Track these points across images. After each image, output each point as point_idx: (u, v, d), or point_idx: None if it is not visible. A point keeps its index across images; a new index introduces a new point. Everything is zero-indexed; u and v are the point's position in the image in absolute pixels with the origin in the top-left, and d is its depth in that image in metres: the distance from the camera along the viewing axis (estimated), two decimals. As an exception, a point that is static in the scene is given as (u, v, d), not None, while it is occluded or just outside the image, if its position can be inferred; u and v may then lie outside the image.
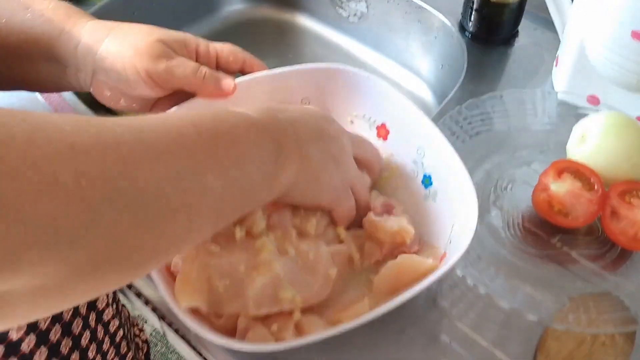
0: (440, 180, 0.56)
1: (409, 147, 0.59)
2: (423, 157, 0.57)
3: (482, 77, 0.78)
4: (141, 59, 0.53)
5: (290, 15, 1.00)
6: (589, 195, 0.59)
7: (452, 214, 0.53)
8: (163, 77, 0.54)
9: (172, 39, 0.56)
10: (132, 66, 0.54)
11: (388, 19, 0.91)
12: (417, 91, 0.91)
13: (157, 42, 0.55)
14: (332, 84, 0.61)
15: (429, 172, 0.57)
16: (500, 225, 0.62)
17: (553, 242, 0.60)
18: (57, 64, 0.57)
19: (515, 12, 0.79)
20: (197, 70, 0.55)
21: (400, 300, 0.46)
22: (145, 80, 0.54)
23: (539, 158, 0.67)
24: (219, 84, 0.56)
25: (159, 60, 0.54)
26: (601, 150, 0.60)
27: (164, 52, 0.55)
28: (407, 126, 0.58)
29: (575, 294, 0.56)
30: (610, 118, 0.61)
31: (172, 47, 0.56)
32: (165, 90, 0.56)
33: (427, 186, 0.57)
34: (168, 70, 0.54)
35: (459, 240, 0.50)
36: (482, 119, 0.68)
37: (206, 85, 0.56)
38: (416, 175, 0.58)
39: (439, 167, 0.56)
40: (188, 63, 0.55)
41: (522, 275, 0.57)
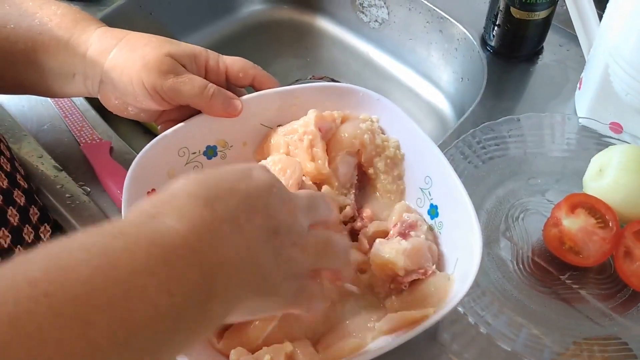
0: (446, 212, 0.54)
1: (418, 175, 0.57)
2: (431, 187, 0.55)
3: (502, 94, 0.75)
4: (149, 73, 0.53)
5: (310, 18, 0.98)
6: (603, 234, 0.57)
7: (455, 248, 0.52)
8: (170, 93, 0.53)
9: (182, 53, 0.55)
10: (139, 80, 0.53)
11: (409, 27, 0.88)
12: (435, 102, 0.88)
13: (166, 57, 0.54)
14: (342, 104, 0.59)
15: (435, 203, 0.55)
16: (509, 257, 0.60)
17: (562, 278, 0.58)
18: (65, 71, 0.56)
19: (540, 28, 0.76)
20: (205, 89, 0.54)
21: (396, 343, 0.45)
22: (152, 95, 0.54)
23: (554, 187, 0.64)
24: (225, 105, 0.55)
25: (166, 76, 0.53)
26: (619, 186, 0.58)
27: (173, 68, 0.54)
28: (416, 154, 0.57)
29: (581, 336, 0.54)
30: (629, 152, 0.59)
31: (181, 61, 0.55)
32: (171, 105, 0.55)
33: (433, 217, 0.55)
34: (175, 87, 0.53)
35: (460, 279, 0.49)
36: (496, 143, 0.66)
37: (213, 106, 0.55)
38: (422, 204, 0.56)
39: (446, 199, 0.54)
40: (196, 81, 0.54)
41: (527, 313, 0.56)
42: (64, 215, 0.64)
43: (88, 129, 0.70)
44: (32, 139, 0.69)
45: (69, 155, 0.68)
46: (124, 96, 0.55)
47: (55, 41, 0.55)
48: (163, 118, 0.58)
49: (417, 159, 0.57)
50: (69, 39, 0.55)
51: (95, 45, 0.55)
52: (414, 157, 0.57)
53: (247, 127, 0.59)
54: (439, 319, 0.46)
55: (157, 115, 0.58)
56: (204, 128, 0.57)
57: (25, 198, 0.59)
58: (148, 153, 0.55)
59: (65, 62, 0.56)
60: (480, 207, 0.63)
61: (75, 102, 0.73)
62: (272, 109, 0.59)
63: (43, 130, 0.71)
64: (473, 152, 0.65)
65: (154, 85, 0.53)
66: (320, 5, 0.97)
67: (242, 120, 0.57)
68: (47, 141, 0.69)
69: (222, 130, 0.58)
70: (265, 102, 0.58)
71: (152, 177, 0.54)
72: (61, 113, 0.71)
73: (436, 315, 0.46)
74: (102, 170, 0.65)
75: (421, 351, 0.55)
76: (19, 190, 0.58)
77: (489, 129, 0.66)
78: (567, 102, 0.74)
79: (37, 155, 0.68)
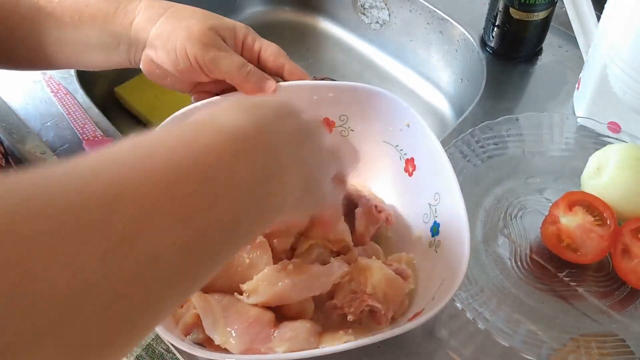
0: (445, 232, 0.54)
1: (429, 190, 0.57)
2: (438, 204, 0.55)
3: (501, 94, 0.76)
4: (192, 44, 0.55)
5: (312, 19, 0.99)
6: (601, 231, 0.57)
7: (445, 269, 0.51)
8: (210, 65, 0.55)
9: (224, 27, 0.57)
10: (182, 49, 0.55)
11: (410, 29, 0.89)
12: (435, 103, 0.89)
13: (210, 30, 0.55)
14: (372, 106, 0.60)
15: (439, 221, 0.55)
16: (507, 255, 0.60)
17: (560, 276, 0.59)
18: (111, 41, 0.57)
19: (539, 29, 0.76)
20: (243, 66, 0.56)
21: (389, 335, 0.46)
22: (193, 65, 0.56)
23: (552, 186, 0.65)
24: (260, 84, 0.57)
25: (209, 49, 0.55)
26: (616, 183, 0.58)
27: (215, 42, 0.56)
28: (432, 169, 0.56)
29: (579, 333, 0.55)
30: (627, 150, 0.59)
31: (222, 35, 0.57)
32: (209, 77, 0.57)
33: (434, 235, 0.55)
34: (215, 60, 0.55)
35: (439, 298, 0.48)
36: (495, 142, 0.66)
37: (248, 82, 0.57)
38: (428, 220, 0.56)
39: (448, 219, 0.53)
40: (235, 57, 0.56)
41: (524, 309, 0.56)
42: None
43: (91, 126, 0.70)
44: (35, 136, 0.70)
45: (71, 151, 0.69)
46: (165, 64, 0.57)
47: (103, 12, 0.57)
48: (197, 89, 0.60)
49: (431, 174, 0.57)
50: (116, 8, 0.57)
51: (142, 13, 0.57)
52: (428, 171, 0.57)
53: None
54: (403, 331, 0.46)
55: (192, 86, 0.60)
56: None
57: None
58: (176, 119, 0.56)
59: (112, 32, 0.57)
60: (478, 205, 0.63)
61: (79, 100, 0.74)
62: (305, 100, 0.60)
63: (46, 127, 0.71)
64: (472, 151, 0.65)
65: (196, 56, 0.55)
66: (321, 7, 0.98)
67: None
68: (50, 138, 0.70)
69: None
70: (299, 91, 0.59)
71: None
72: (64, 110, 0.72)
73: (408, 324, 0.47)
74: (104, 166, 0.66)
75: (418, 347, 0.55)
76: None
77: (487, 129, 0.66)
78: (566, 103, 0.74)
79: (40, 151, 0.69)
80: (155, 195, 0.27)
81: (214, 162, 0.31)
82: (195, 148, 0.31)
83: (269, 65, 0.59)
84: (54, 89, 0.75)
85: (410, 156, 0.59)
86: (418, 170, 0.58)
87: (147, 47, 0.57)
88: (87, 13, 0.57)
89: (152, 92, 0.84)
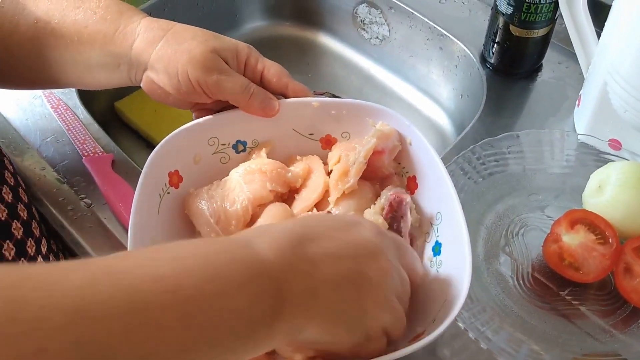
0: (447, 252, 0.53)
1: (431, 209, 0.56)
2: (440, 224, 0.55)
3: (501, 111, 0.76)
4: (194, 68, 0.54)
5: (312, 34, 0.99)
6: (603, 250, 0.57)
7: (446, 290, 0.50)
8: (212, 89, 0.55)
9: (226, 48, 0.57)
10: (184, 73, 0.55)
11: (410, 45, 0.89)
12: (435, 118, 0.89)
13: (212, 53, 0.55)
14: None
15: (440, 241, 0.54)
16: (509, 273, 0.60)
17: (562, 294, 0.58)
18: (111, 61, 0.57)
19: (539, 45, 0.77)
20: (246, 88, 0.56)
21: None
22: (195, 88, 0.55)
23: (553, 203, 0.65)
24: (263, 104, 0.57)
25: (211, 72, 0.55)
26: (618, 202, 0.58)
27: (217, 64, 0.55)
28: (432, 188, 0.56)
29: (581, 352, 0.54)
30: (629, 168, 0.59)
31: (224, 56, 0.57)
32: (212, 99, 0.57)
33: (436, 254, 0.54)
34: (218, 84, 0.55)
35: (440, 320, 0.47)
36: (496, 159, 0.66)
37: (251, 104, 0.57)
38: (429, 239, 0.56)
39: (451, 239, 0.53)
40: (238, 79, 0.56)
41: (527, 329, 0.56)
42: (65, 227, 0.64)
43: (91, 142, 0.70)
44: (35, 151, 0.70)
45: (71, 167, 0.68)
46: (167, 87, 0.56)
47: (102, 34, 0.57)
48: (199, 107, 0.60)
49: (433, 192, 0.56)
50: (115, 30, 0.57)
51: (142, 36, 0.56)
52: (429, 191, 0.57)
53: (279, 130, 0.60)
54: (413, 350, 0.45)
55: (194, 104, 0.60)
56: (238, 123, 0.59)
57: (27, 212, 0.59)
58: (179, 135, 0.56)
59: (112, 53, 0.57)
60: (479, 222, 0.63)
61: (79, 116, 0.73)
62: (307, 116, 0.60)
63: (46, 143, 0.71)
64: (473, 168, 0.65)
65: (199, 80, 0.55)
66: (321, 22, 0.98)
67: (276, 123, 0.58)
68: (50, 154, 0.70)
69: (255, 128, 0.59)
70: (301, 108, 0.59)
71: (177, 158, 0.56)
72: (64, 126, 0.72)
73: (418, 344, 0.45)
74: (104, 183, 0.66)
75: (421, 367, 0.55)
76: (22, 204, 0.58)
77: (488, 145, 0.66)
78: (566, 119, 0.74)
79: (40, 167, 0.68)
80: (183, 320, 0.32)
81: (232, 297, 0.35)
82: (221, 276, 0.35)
83: (273, 85, 0.59)
84: (54, 104, 0.74)
85: (412, 174, 0.59)
86: (420, 189, 0.58)
87: (149, 69, 0.57)
88: (87, 34, 0.56)
89: (152, 107, 0.84)
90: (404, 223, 0.55)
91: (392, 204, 0.56)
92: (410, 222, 0.55)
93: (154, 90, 0.58)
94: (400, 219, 0.56)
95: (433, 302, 0.51)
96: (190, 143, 0.57)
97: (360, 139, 0.59)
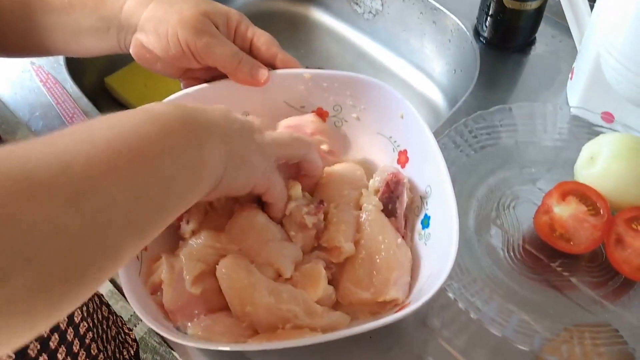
0: (436, 225, 0.53)
1: (421, 182, 0.56)
2: (429, 197, 0.55)
3: (494, 85, 0.75)
4: (184, 29, 0.54)
5: (305, 9, 0.98)
6: (594, 221, 0.57)
7: (434, 262, 0.51)
8: (202, 52, 0.55)
9: (217, 13, 0.56)
10: (174, 34, 0.54)
11: (403, 19, 0.88)
12: (428, 93, 0.89)
13: (203, 16, 0.55)
14: (366, 97, 0.59)
15: (429, 214, 0.54)
16: (500, 245, 0.60)
17: (553, 266, 0.58)
18: (101, 25, 0.57)
19: (533, 18, 0.76)
20: (235, 55, 0.56)
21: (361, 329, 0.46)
22: (184, 50, 0.55)
23: (545, 176, 0.64)
24: (252, 72, 0.56)
25: (201, 35, 0.54)
26: (610, 173, 0.58)
27: (207, 28, 0.55)
28: (423, 161, 0.56)
29: (572, 322, 0.54)
30: (621, 140, 0.59)
31: (215, 21, 0.56)
32: (200, 64, 0.56)
33: (425, 227, 0.54)
34: (208, 47, 0.54)
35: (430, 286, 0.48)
36: (488, 132, 0.66)
37: (240, 71, 0.56)
38: (419, 212, 0.56)
39: (439, 212, 0.53)
40: (228, 45, 0.56)
41: (517, 299, 0.56)
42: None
43: (80, 116, 0.69)
44: (24, 125, 0.69)
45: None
46: (156, 49, 0.56)
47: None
48: (187, 75, 0.59)
49: (423, 166, 0.56)
50: None
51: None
52: (420, 164, 0.57)
53: (270, 102, 0.59)
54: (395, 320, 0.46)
55: (182, 72, 0.59)
56: (227, 94, 0.58)
57: None
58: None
59: (102, 17, 0.56)
60: (471, 195, 0.63)
61: (68, 90, 0.73)
62: (299, 88, 0.59)
63: (35, 117, 0.70)
64: (465, 141, 0.65)
65: (188, 42, 0.54)
66: (314, -3, 0.97)
67: (266, 94, 0.58)
68: (39, 128, 0.69)
69: (244, 99, 0.58)
70: (293, 80, 0.59)
71: None
72: (53, 100, 0.71)
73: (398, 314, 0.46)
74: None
75: (411, 337, 0.55)
76: None
77: (480, 118, 0.66)
78: (559, 93, 0.74)
79: (29, 142, 0.68)
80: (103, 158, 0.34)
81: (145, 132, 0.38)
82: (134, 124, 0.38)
83: (262, 54, 0.59)
84: (43, 78, 0.74)
85: (403, 148, 0.58)
86: (410, 163, 0.58)
87: (138, 31, 0.56)
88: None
89: (142, 82, 0.83)
90: (400, 204, 0.55)
91: (389, 184, 0.55)
92: (405, 203, 0.55)
93: (143, 55, 0.57)
94: (396, 199, 0.55)
95: (420, 274, 0.51)
96: None
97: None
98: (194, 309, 0.49)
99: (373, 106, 0.59)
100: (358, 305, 0.51)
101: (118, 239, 0.35)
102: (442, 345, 0.54)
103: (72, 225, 0.31)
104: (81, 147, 0.34)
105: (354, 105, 0.60)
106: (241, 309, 0.48)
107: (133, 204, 0.35)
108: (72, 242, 0.31)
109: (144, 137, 0.37)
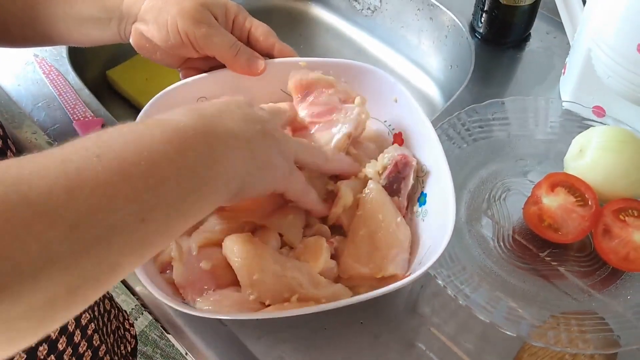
0: (432, 202, 0.55)
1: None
2: (425, 175, 0.56)
3: (489, 80, 0.77)
4: (184, 19, 0.55)
5: (304, 5, 0.99)
6: (582, 211, 0.58)
7: (431, 237, 0.53)
8: (201, 42, 0.56)
9: (216, 4, 0.58)
10: (173, 24, 0.55)
11: (401, 15, 0.90)
12: (425, 89, 0.90)
13: (202, 6, 0.56)
14: (360, 83, 0.61)
15: (426, 192, 0.56)
16: (490, 235, 0.61)
17: (542, 256, 0.59)
18: (103, 16, 0.58)
19: (527, 15, 0.77)
20: (233, 45, 0.57)
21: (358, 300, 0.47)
22: (183, 40, 0.56)
23: (536, 169, 0.66)
24: (249, 62, 0.58)
25: (200, 25, 0.56)
26: (599, 165, 0.59)
27: (206, 18, 0.56)
28: (419, 141, 0.58)
29: (559, 310, 0.56)
30: (610, 132, 0.60)
31: (213, 12, 0.57)
32: (199, 54, 0.58)
33: (421, 204, 0.56)
34: (207, 37, 0.56)
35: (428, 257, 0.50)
36: (481, 125, 0.67)
37: (237, 61, 0.58)
38: (416, 191, 0.57)
39: (436, 190, 0.55)
40: (226, 35, 0.57)
41: (506, 288, 0.57)
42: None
43: (81, 107, 0.71)
44: (27, 116, 0.71)
45: (62, 131, 0.69)
46: (156, 38, 0.57)
47: None
48: (186, 65, 0.61)
49: (418, 146, 0.58)
50: None
51: None
52: (415, 145, 0.58)
53: (267, 90, 0.61)
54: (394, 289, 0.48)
55: (182, 61, 0.61)
56: (226, 83, 0.60)
57: None
58: (167, 94, 0.58)
59: (104, 7, 0.58)
60: (463, 187, 0.64)
61: (70, 82, 0.74)
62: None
63: (37, 108, 0.72)
64: (458, 134, 0.66)
65: (187, 32, 0.55)
66: (313, -7, 0.98)
67: (264, 82, 0.59)
68: (41, 118, 0.71)
69: (242, 88, 0.60)
70: (289, 68, 0.60)
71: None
72: (56, 91, 0.73)
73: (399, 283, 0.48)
74: (94, 146, 0.66)
75: (401, 323, 0.56)
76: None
77: (473, 112, 0.67)
78: (552, 88, 0.75)
79: (32, 131, 0.69)
80: (112, 183, 0.33)
81: (159, 152, 0.36)
82: (151, 141, 0.37)
83: (259, 45, 0.60)
84: (46, 70, 0.75)
85: (398, 131, 0.60)
86: (405, 144, 0.59)
87: (138, 20, 0.57)
88: None
89: (143, 76, 0.85)
90: (404, 185, 0.57)
91: (398, 165, 0.57)
92: (410, 185, 0.57)
93: (142, 45, 0.59)
94: (402, 180, 0.57)
95: (421, 247, 0.53)
96: (179, 102, 0.58)
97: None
98: (204, 284, 0.50)
99: (367, 91, 0.60)
100: (358, 280, 0.53)
101: (116, 260, 0.33)
102: (432, 332, 0.55)
103: (69, 254, 0.30)
104: (91, 167, 0.33)
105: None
106: (249, 277, 0.49)
107: (137, 227, 0.34)
108: (65, 270, 0.30)
109: (157, 158, 0.36)
